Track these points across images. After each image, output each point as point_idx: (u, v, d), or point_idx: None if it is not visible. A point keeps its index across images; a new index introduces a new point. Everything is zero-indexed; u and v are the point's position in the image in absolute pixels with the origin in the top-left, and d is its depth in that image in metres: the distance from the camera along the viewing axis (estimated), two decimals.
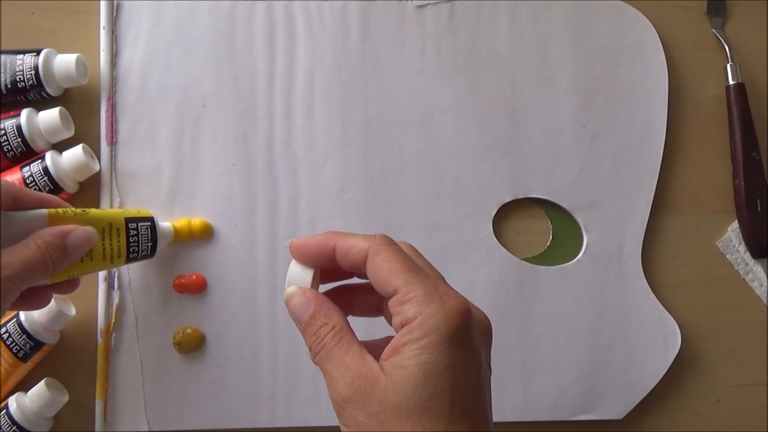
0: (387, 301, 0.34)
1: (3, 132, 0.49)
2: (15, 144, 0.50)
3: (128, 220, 0.45)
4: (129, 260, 0.45)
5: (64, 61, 0.50)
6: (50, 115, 0.50)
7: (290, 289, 0.37)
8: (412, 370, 0.32)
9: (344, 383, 0.33)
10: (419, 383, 0.31)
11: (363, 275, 0.36)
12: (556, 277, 0.56)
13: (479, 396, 0.34)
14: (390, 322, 0.35)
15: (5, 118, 0.50)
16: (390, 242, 0.36)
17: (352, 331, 0.35)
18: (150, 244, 0.47)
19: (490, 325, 0.37)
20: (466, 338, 0.33)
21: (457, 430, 0.32)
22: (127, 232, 0.45)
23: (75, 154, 0.50)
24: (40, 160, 0.49)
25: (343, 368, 0.33)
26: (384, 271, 0.34)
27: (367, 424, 0.32)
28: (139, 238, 0.46)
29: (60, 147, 0.51)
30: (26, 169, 0.49)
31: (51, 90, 0.51)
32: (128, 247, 0.45)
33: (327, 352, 0.34)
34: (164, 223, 0.51)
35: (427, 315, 0.32)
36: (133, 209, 0.48)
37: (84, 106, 0.53)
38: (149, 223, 0.47)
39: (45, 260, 0.38)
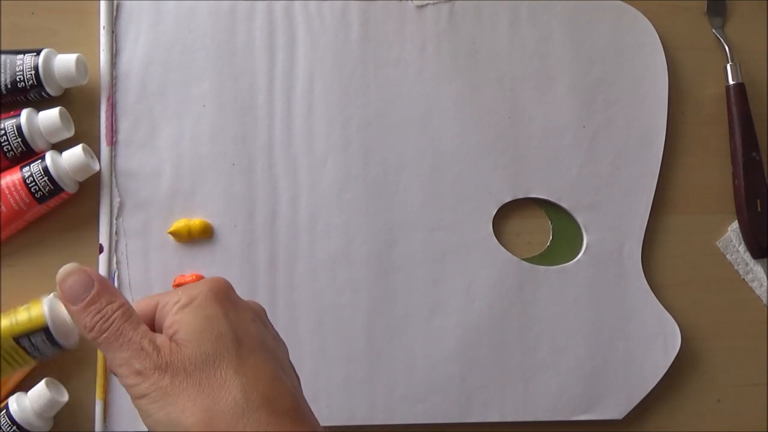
0: (155, 321, 0.35)
1: (3, 132, 0.49)
2: (15, 144, 0.50)
3: (18, 339, 0.41)
4: (40, 360, 0.43)
5: (64, 61, 0.50)
6: (50, 115, 0.50)
7: (68, 266, 0.35)
8: (194, 323, 0.33)
9: (144, 353, 0.32)
10: (203, 330, 0.33)
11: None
12: (556, 277, 0.56)
13: (265, 342, 0.35)
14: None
15: (5, 118, 0.50)
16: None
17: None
18: (52, 348, 0.42)
19: (261, 306, 0.38)
20: (232, 298, 0.35)
21: (249, 360, 0.33)
22: (24, 349, 0.41)
23: (75, 154, 0.50)
24: (40, 160, 0.49)
25: (138, 339, 0.33)
26: (143, 303, 0.35)
27: (171, 384, 0.32)
28: (37, 349, 0.42)
29: (60, 147, 0.51)
30: (26, 169, 0.49)
31: (51, 90, 0.51)
32: (31, 355, 0.42)
33: (117, 328, 0.33)
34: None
35: (190, 289, 0.34)
36: (24, 315, 0.41)
37: (84, 106, 0.53)
38: (42, 336, 0.41)
39: None
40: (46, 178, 0.49)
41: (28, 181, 0.49)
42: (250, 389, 0.32)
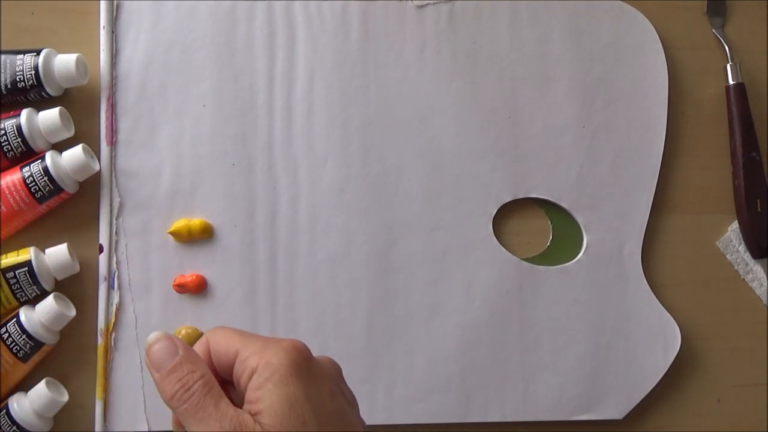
0: (233, 376, 0.34)
1: (3, 132, 0.49)
2: (15, 144, 0.50)
3: (4, 270, 0.48)
4: (23, 303, 0.49)
5: (64, 61, 0.50)
6: (50, 115, 0.50)
7: (154, 334, 0.35)
8: (277, 406, 0.32)
9: (220, 429, 0.32)
10: (287, 415, 0.32)
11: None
12: (556, 277, 0.56)
13: (346, 422, 0.35)
14: (241, 400, 0.35)
15: (5, 118, 0.50)
16: (223, 327, 0.37)
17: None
18: (34, 287, 0.49)
19: (337, 364, 0.38)
20: (312, 369, 0.34)
21: None
22: (8, 282, 0.48)
23: (75, 154, 0.50)
24: (40, 160, 0.49)
25: (219, 416, 0.32)
26: (222, 345, 0.35)
27: None
28: (20, 285, 0.48)
29: (60, 147, 0.51)
30: (26, 169, 0.49)
31: (51, 90, 0.51)
32: (14, 294, 0.48)
33: (197, 401, 0.33)
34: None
35: (270, 356, 0.33)
36: (13, 253, 0.49)
37: (84, 106, 0.53)
38: (26, 269, 0.48)
39: None
40: (46, 178, 0.49)
41: (28, 181, 0.49)
42: None
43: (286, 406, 0.32)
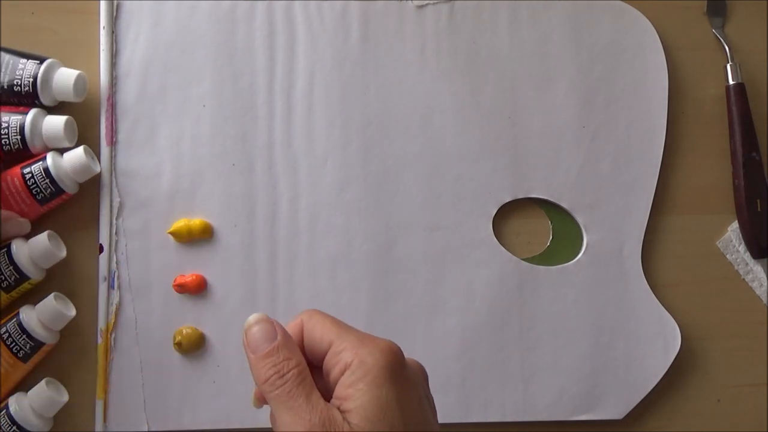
0: (323, 364, 0.34)
1: (6, 126, 0.49)
2: (14, 140, 0.50)
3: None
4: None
5: (64, 77, 0.50)
6: (55, 123, 0.50)
7: (255, 316, 0.36)
8: (368, 407, 0.32)
9: (311, 424, 0.32)
10: (378, 418, 0.32)
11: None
12: (556, 277, 0.56)
13: (428, 425, 0.34)
14: (327, 390, 0.35)
15: (12, 112, 0.50)
16: (320, 311, 0.37)
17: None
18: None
19: (424, 369, 0.37)
20: (404, 374, 0.34)
21: None
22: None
23: (76, 155, 0.50)
24: (41, 161, 0.49)
25: (310, 409, 0.32)
26: (318, 331, 0.35)
27: None
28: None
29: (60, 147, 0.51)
30: (27, 169, 0.49)
31: (45, 101, 0.51)
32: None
33: (289, 390, 0.33)
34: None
35: (365, 355, 0.33)
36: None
37: (84, 106, 0.53)
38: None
39: None
40: (47, 180, 0.49)
41: (29, 183, 0.49)
42: None
43: (377, 409, 0.32)
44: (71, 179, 0.50)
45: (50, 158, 0.49)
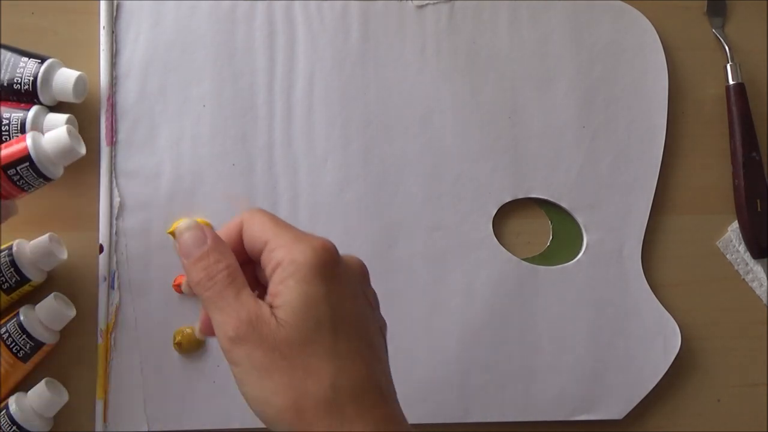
0: (261, 263, 0.35)
1: (7, 122, 0.49)
2: (14, 138, 0.49)
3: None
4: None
5: (64, 78, 0.50)
6: (57, 121, 0.50)
7: (185, 222, 0.36)
8: (295, 303, 0.33)
9: (239, 321, 0.33)
10: (304, 312, 0.33)
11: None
12: (556, 277, 0.56)
13: (361, 326, 0.35)
14: (263, 285, 0.36)
15: (14, 109, 0.50)
16: (262, 210, 0.37)
17: (243, 275, 0.35)
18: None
19: (363, 265, 0.38)
20: (337, 271, 0.35)
21: (342, 352, 0.33)
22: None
23: (59, 136, 0.47)
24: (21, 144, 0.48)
25: (238, 306, 0.34)
26: (256, 231, 0.36)
27: (264, 360, 0.33)
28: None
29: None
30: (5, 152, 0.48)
31: (44, 100, 0.50)
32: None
33: (219, 290, 0.34)
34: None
35: (297, 253, 0.34)
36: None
37: (84, 107, 0.53)
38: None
39: None
40: (26, 165, 0.46)
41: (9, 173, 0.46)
42: (340, 384, 0.33)
43: (304, 305, 0.33)
44: (53, 164, 0.47)
45: (30, 139, 0.46)
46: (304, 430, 0.32)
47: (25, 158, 0.46)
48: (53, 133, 0.47)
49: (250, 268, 0.38)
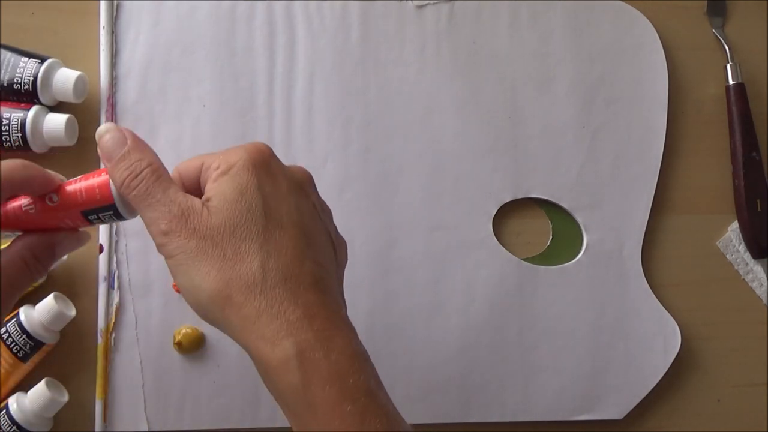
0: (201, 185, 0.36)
1: (7, 122, 0.49)
2: (15, 138, 0.50)
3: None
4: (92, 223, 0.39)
5: (64, 77, 0.50)
6: (56, 121, 0.50)
7: (104, 125, 0.36)
8: (227, 192, 0.34)
9: (170, 215, 0.34)
10: (235, 200, 0.34)
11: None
12: (556, 277, 0.56)
13: (296, 217, 0.35)
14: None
15: (14, 108, 0.50)
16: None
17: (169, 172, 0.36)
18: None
19: (307, 172, 0.39)
20: (272, 168, 0.36)
21: (273, 236, 0.34)
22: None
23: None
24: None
25: (167, 201, 0.34)
26: (190, 164, 0.37)
27: (196, 248, 0.33)
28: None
29: (59, 149, 0.51)
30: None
31: (45, 100, 0.50)
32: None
33: (146, 188, 0.34)
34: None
35: (230, 156, 0.35)
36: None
37: (84, 106, 0.53)
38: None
39: (30, 274, 0.38)
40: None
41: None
42: (270, 266, 0.33)
43: (236, 193, 0.34)
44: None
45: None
46: (234, 312, 0.33)
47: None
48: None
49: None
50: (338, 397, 0.32)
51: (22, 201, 0.38)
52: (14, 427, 0.48)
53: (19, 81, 0.50)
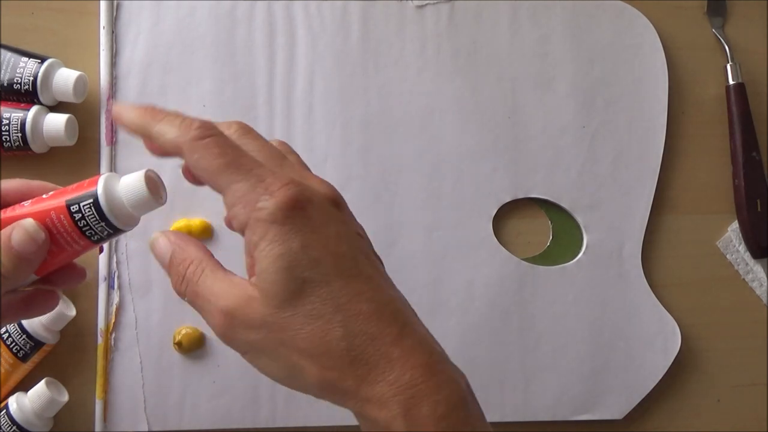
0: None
1: (7, 122, 0.49)
2: (15, 138, 0.50)
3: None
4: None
5: (64, 77, 0.50)
6: (56, 121, 0.50)
7: (154, 235, 0.36)
8: (273, 268, 0.31)
9: (221, 314, 0.32)
10: (286, 277, 0.30)
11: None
12: (556, 277, 0.56)
13: (352, 261, 0.32)
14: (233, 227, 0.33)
15: (14, 108, 0.50)
16: (204, 134, 0.33)
17: (216, 260, 0.34)
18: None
19: (335, 193, 0.35)
20: (307, 214, 0.31)
21: (342, 299, 0.31)
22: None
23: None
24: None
25: (214, 297, 0.32)
26: (204, 172, 0.32)
27: (259, 340, 0.31)
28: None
29: (59, 149, 0.51)
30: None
31: (45, 100, 0.51)
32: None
33: (192, 287, 0.33)
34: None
35: (259, 210, 0.31)
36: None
37: (84, 106, 0.53)
38: (91, 200, 0.36)
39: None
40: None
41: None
42: (352, 333, 0.30)
43: (282, 268, 0.30)
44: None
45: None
46: (332, 389, 0.31)
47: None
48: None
49: None
50: None
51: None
52: (14, 427, 0.48)
53: (19, 81, 0.50)
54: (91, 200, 0.36)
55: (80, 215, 0.36)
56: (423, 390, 0.30)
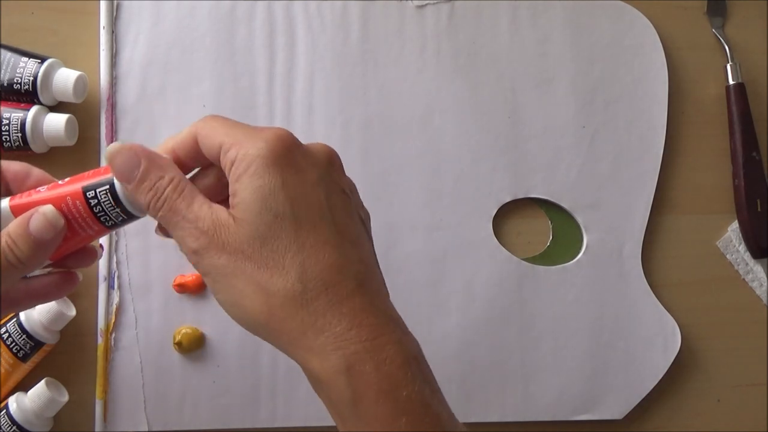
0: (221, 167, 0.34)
1: (7, 122, 0.49)
2: (15, 138, 0.50)
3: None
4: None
5: (64, 77, 0.50)
6: (56, 121, 0.50)
7: (112, 146, 0.34)
8: (249, 199, 0.32)
9: (197, 232, 0.32)
10: (260, 210, 0.32)
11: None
12: (556, 277, 0.56)
13: (328, 213, 0.33)
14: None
15: (14, 108, 0.50)
16: (216, 116, 0.36)
17: (191, 183, 0.34)
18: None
19: (331, 150, 0.36)
20: (294, 159, 0.33)
21: (308, 242, 0.32)
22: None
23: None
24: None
25: (192, 218, 0.32)
26: (210, 136, 0.34)
27: (229, 265, 0.32)
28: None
29: (58, 151, 0.51)
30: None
31: (45, 100, 0.51)
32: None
33: (170, 206, 0.33)
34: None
35: (249, 147, 0.33)
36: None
37: (84, 106, 0.53)
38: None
39: (13, 259, 0.35)
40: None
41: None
42: (308, 275, 0.31)
43: (258, 199, 0.32)
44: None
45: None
46: (278, 328, 0.31)
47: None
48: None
49: (216, 170, 0.36)
50: (392, 412, 0.31)
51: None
52: (14, 427, 0.48)
53: (19, 81, 0.50)
54: (108, 186, 0.37)
55: (96, 201, 0.37)
56: (368, 347, 0.31)
